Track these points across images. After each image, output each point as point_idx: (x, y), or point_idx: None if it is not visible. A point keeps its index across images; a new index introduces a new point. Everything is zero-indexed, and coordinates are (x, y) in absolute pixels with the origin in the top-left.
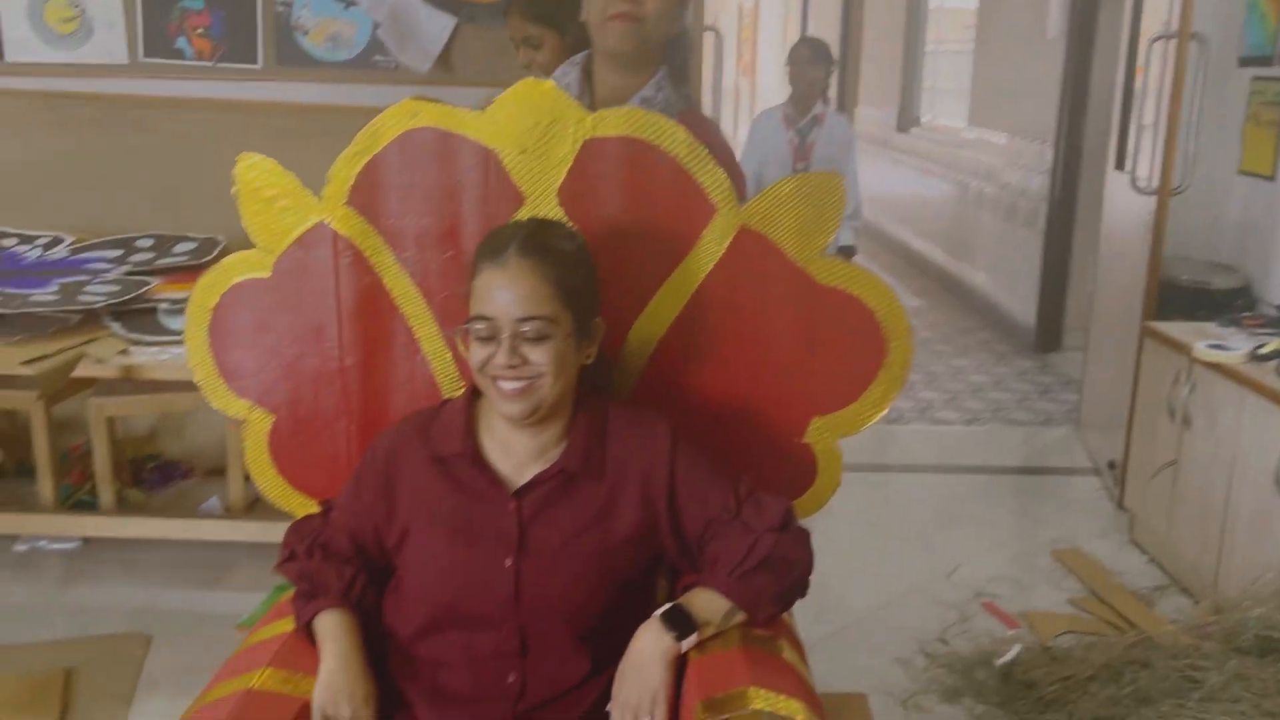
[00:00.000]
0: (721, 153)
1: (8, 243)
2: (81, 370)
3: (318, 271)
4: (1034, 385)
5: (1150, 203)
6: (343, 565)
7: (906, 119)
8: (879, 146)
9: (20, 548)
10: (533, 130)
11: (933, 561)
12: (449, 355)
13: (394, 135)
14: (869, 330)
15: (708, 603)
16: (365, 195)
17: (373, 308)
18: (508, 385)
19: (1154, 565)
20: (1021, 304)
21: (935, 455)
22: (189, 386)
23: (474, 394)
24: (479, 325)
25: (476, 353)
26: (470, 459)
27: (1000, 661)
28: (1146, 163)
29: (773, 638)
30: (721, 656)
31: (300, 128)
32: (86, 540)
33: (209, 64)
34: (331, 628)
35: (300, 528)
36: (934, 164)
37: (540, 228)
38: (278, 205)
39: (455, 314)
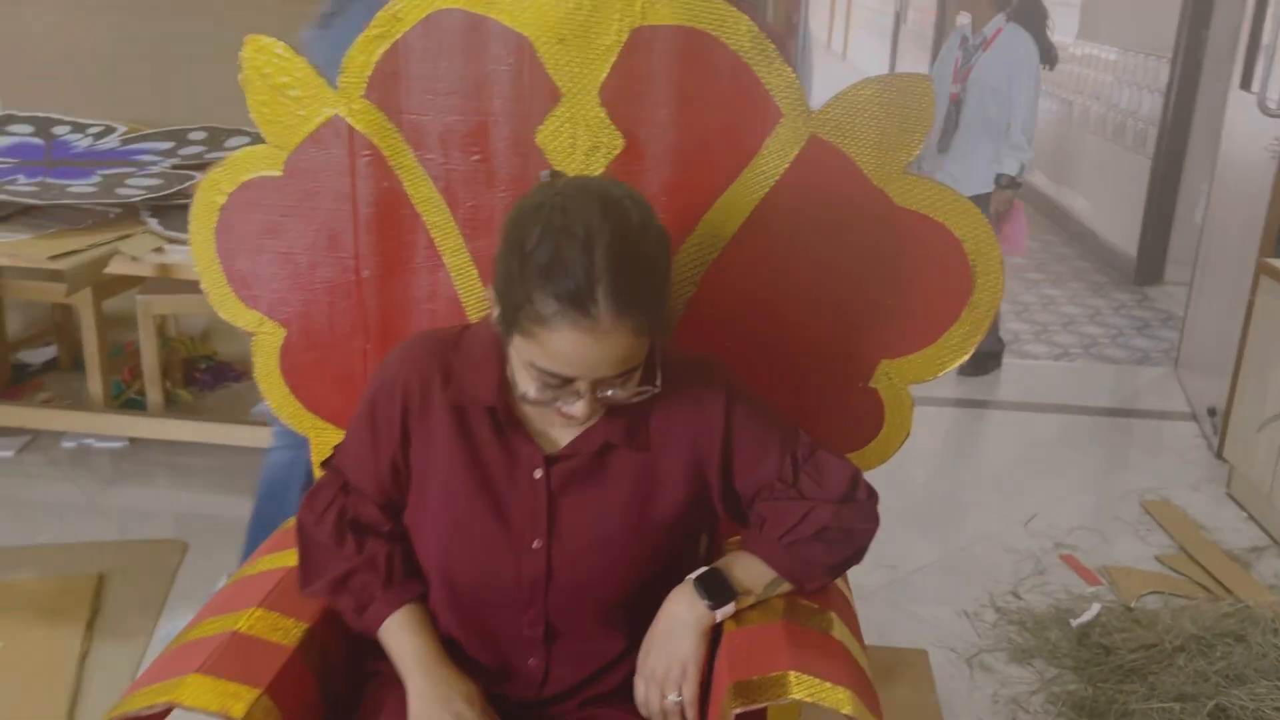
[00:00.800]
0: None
1: (60, 130)
2: (115, 268)
3: (333, 172)
4: (1131, 320)
5: (1278, 127)
6: (373, 552)
7: None
8: None
9: (68, 444)
10: (573, 16)
11: (1009, 507)
12: (475, 271)
13: (418, 18)
14: (954, 263)
15: (750, 569)
16: (384, 86)
17: (392, 215)
18: (582, 416)
19: (1252, 523)
20: (1123, 232)
21: (1019, 392)
22: None
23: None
24: (551, 378)
25: (540, 394)
26: (505, 417)
27: (1077, 621)
28: (1279, 83)
29: (821, 610)
30: (760, 631)
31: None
32: (133, 440)
33: None
34: (397, 639)
35: (315, 509)
36: None
37: (624, 252)
38: (289, 95)
39: (482, 226)
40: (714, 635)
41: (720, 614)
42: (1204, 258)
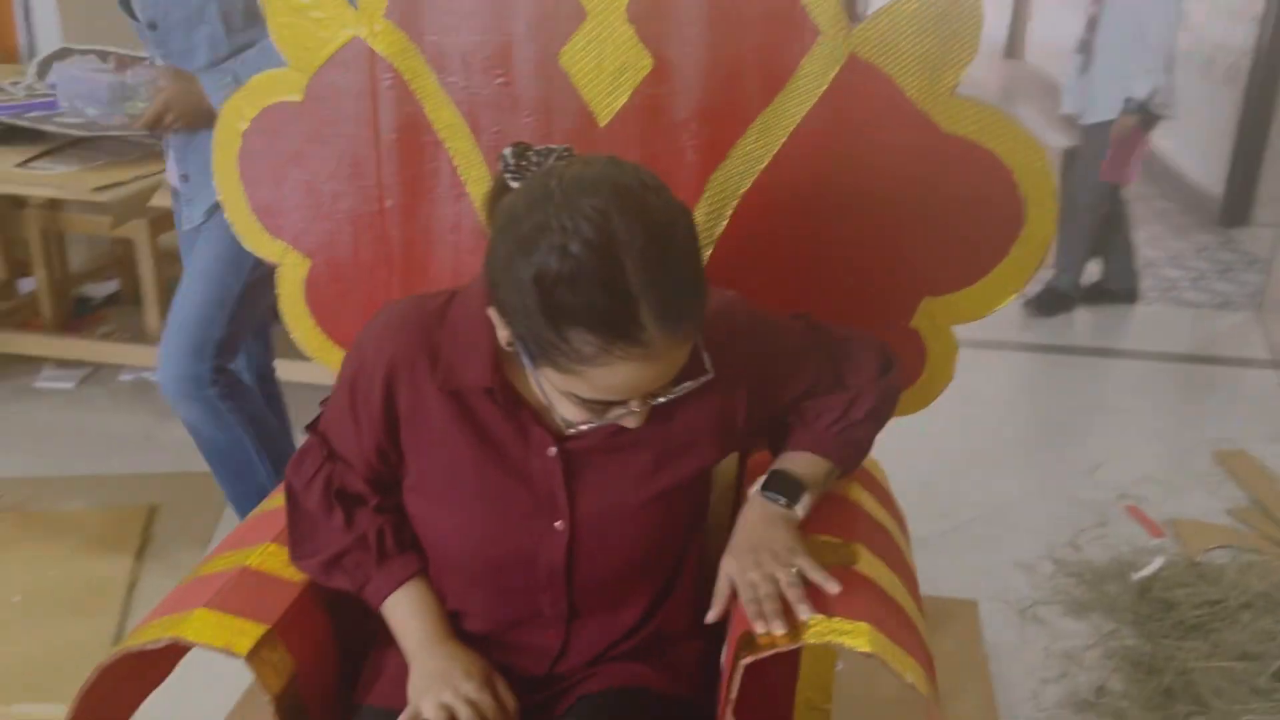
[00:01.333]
0: None
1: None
2: (160, 199)
3: (354, 96)
4: (1213, 263)
5: None
6: (364, 528)
7: None
8: None
9: (127, 377)
10: None
11: (1074, 456)
12: None
13: None
14: (1004, 194)
15: (802, 464)
16: (406, 6)
17: (414, 142)
18: (627, 425)
19: None
20: (1209, 171)
21: (1090, 336)
22: None
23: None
24: (598, 405)
25: (575, 413)
26: (502, 397)
27: (1138, 575)
28: None
29: (845, 543)
30: None
31: None
32: None
33: None
34: (397, 617)
35: (303, 475)
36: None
37: (657, 256)
38: (311, 16)
39: None
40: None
41: (800, 509)
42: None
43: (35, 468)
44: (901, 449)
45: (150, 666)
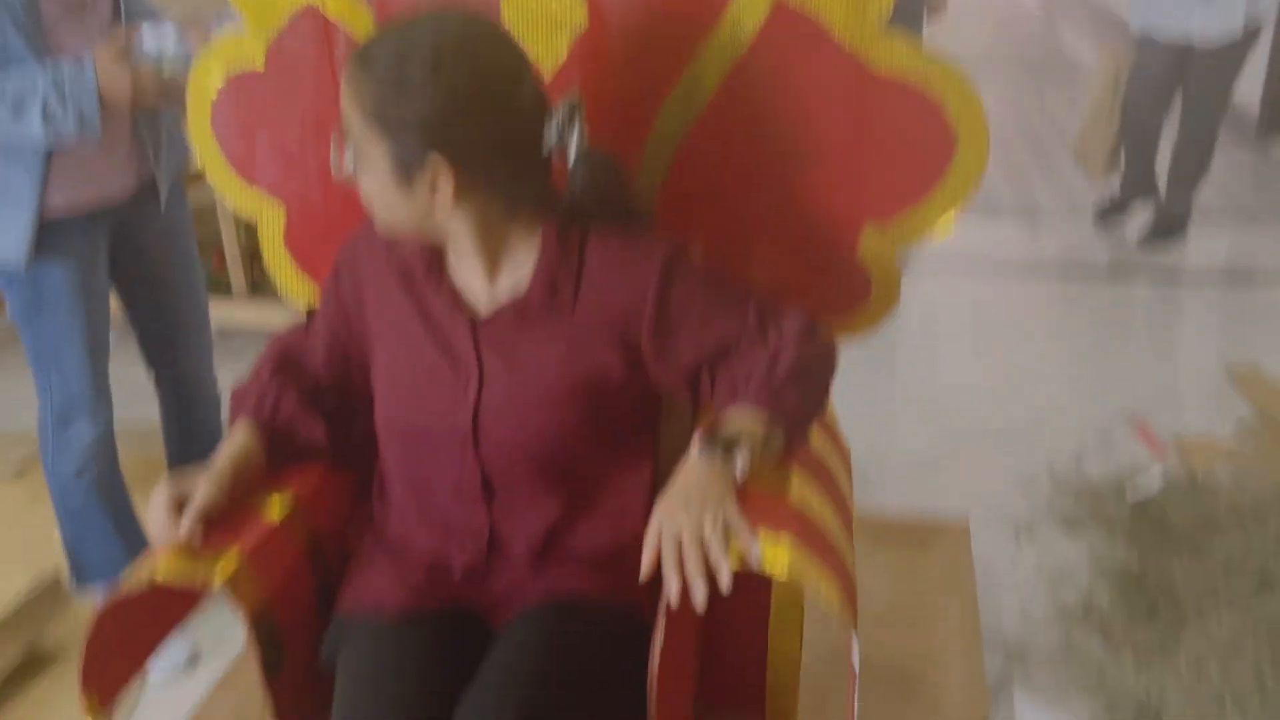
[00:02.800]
0: None
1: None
2: None
3: (312, 60)
4: (1248, 178)
5: None
6: (278, 377)
7: None
8: None
9: None
10: None
11: (1083, 374)
12: None
13: None
14: (934, 125)
15: (741, 418)
16: None
17: None
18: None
19: None
20: (1243, 86)
21: (1113, 253)
22: None
23: None
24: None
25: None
26: (427, 272)
27: (1136, 493)
28: None
29: (781, 470)
30: None
31: None
32: (219, 326)
33: None
34: (233, 438)
35: (275, 341)
36: None
37: (413, 37)
38: None
39: None
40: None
41: (738, 462)
42: None
43: None
44: (902, 365)
45: (155, 613)
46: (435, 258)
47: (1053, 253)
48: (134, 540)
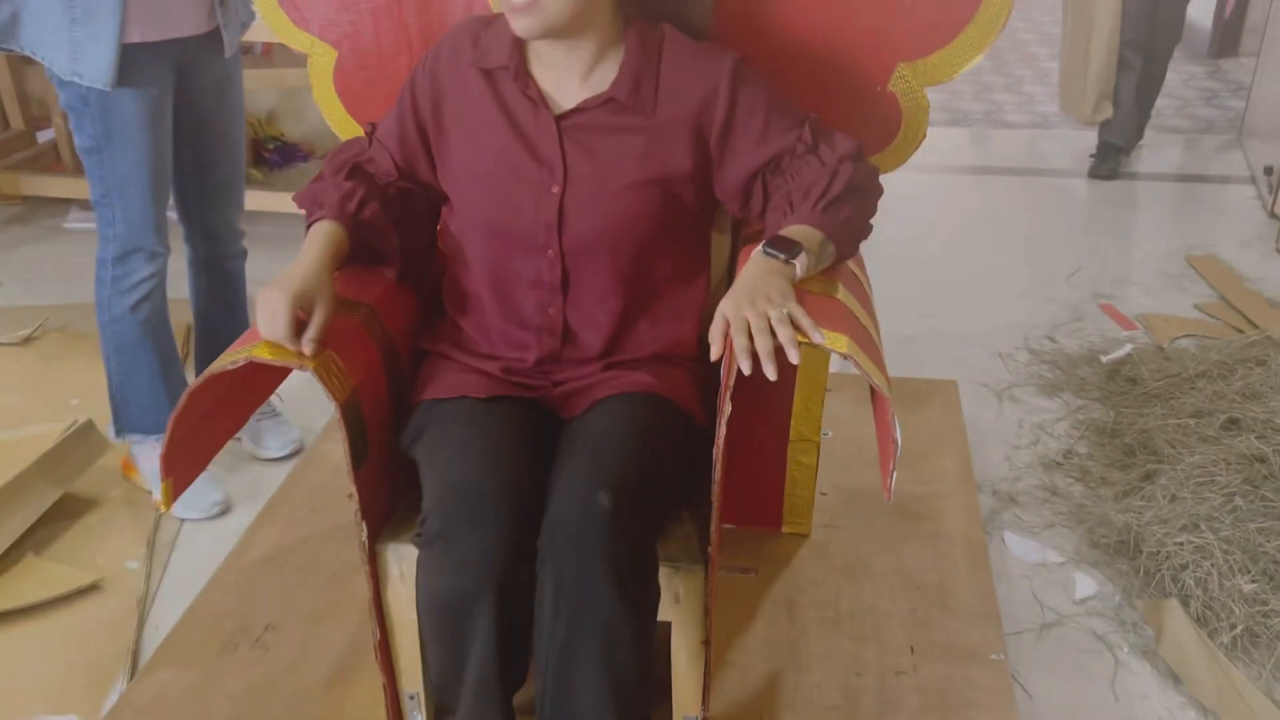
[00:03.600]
0: None
1: None
2: None
3: None
4: (1200, 91)
5: None
6: (353, 181)
7: None
8: None
9: None
10: None
11: (1053, 263)
12: None
13: None
14: None
15: (799, 234)
16: None
17: None
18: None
19: None
20: (1198, 4)
21: (1076, 160)
22: (305, 63)
23: None
24: None
25: None
26: (515, 74)
27: (1108, 358)
28: None
29: (829, 280)
30: None
31: None
32: None
33: None
34: (311, 238)
35: (339, 151)
36: None
37: None
38: None
39: None
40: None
41: (798, 264)
42: (1275, 22)
43: (72, 297)
44: (890, 256)
45: (233, 404)
46: (522, 60)
47: (1020, 157)
48: (174, 387)
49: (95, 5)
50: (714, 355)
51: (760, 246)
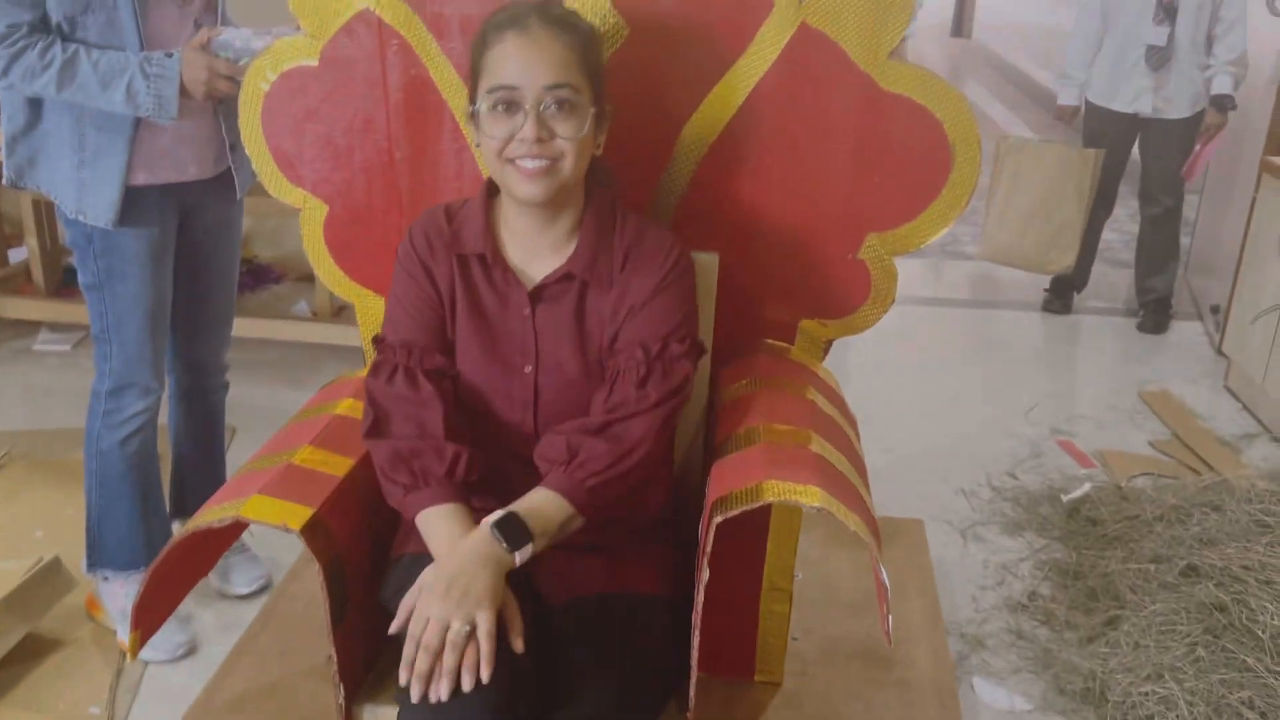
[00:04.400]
0: None
1: None
2: None
3: (365, 61)
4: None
5: None
6: (443, 437)
7: None
8: None
9: None
10: None
11: (1012, 399)
12: None
13: None
14: (934, 142)
15: (549, 510)
16: None
17: (420, 100)
18: (530, 164)
19: (1246, 413)
20: None
21: (1031, 295)
22: None
23: (490, 190)
24: (501, 93)
25: (496, 130)
26: (491, 258)
27: (1068, 498)
28: None
29: (798, 429)
30: (740, 457)
31: None
32: None
33: None
34: (439, 524)
35: (381, 376)
36: None
37: (551, 3)
38: None
39: None
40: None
41: (519, 556)
42: (1216, 163)
43: (40, 422)
44: (852, 392)
45: (205, 550)
46: (496, 244)
47: (975, 289)
48: (154, 525)
49: (104, 148)
50: (393, 628)
51: (492, 521)
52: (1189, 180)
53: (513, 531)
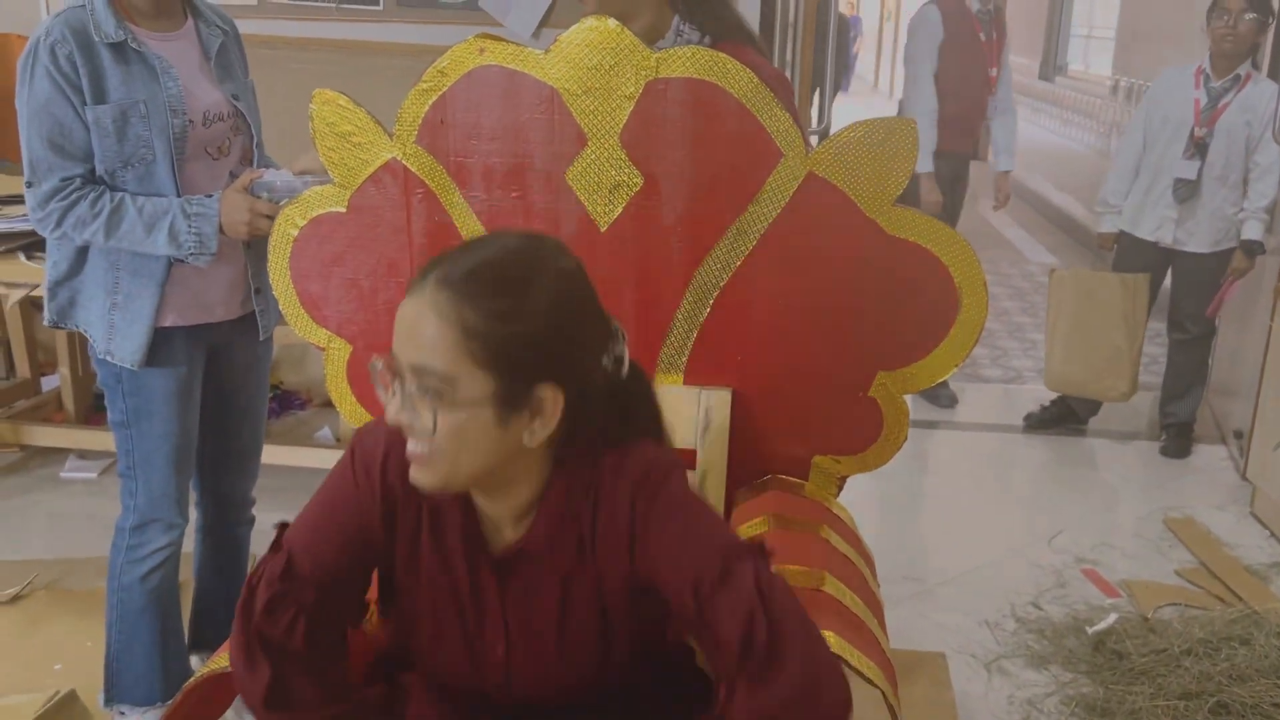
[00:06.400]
0: (776, 86)
1: None
2: None
3: (391, 208)
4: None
5: None
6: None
7: (1050, 67)
8: (1019, 95)
9: None
10: (596, 70)
11: (1035, 525)
12: None
13: (461, 73)
14: (942, 285)
15: None
16: (433, 133)
17: (443, 244)
18: (410, 446)
19: (1274, 540)
20: None
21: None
22: None
23: None
24: (378, 363)
25: (381, 393)
26: (463, 509)
27: (1094, 629)
28: None
29: (812, 571)
30: None
31: (420, 68)
32: None
33: (333, 5)
34: None
35: (278, 620)
36: (1077, 114)
37: (506, 257)
38: (353, 141)
39: None
40: None
41: None
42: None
43: (63, 550)
44: (873, 520)
45: (222, 689)
46: (468, 503)
47: (995, 412)
48: (172, 661)
49: (135, 292)
50: None
51: None
52: (1210, 316)
53: None
